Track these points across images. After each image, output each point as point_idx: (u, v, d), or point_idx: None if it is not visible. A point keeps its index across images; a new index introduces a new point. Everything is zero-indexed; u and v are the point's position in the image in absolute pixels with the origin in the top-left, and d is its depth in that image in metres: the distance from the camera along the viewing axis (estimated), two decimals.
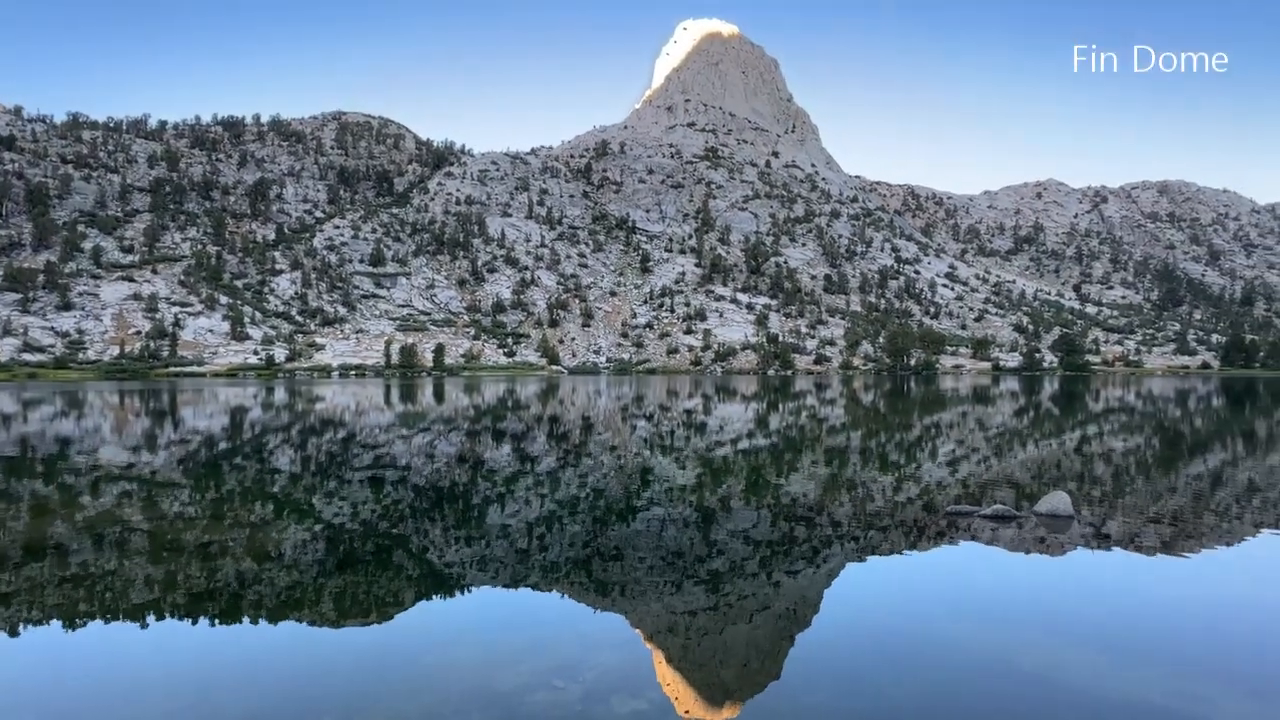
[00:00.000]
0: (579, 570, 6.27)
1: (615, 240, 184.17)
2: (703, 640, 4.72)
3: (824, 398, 37.58)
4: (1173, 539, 7.25)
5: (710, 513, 8.61)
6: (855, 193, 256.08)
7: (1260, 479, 11.19)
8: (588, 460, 13.27)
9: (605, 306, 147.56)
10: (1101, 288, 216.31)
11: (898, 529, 7.68)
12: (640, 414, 26.00)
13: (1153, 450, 15.51)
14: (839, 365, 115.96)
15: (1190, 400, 35.03)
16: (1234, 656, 4.39)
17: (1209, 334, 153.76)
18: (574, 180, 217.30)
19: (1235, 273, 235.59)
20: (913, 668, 4.19)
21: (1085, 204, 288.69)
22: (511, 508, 8.90)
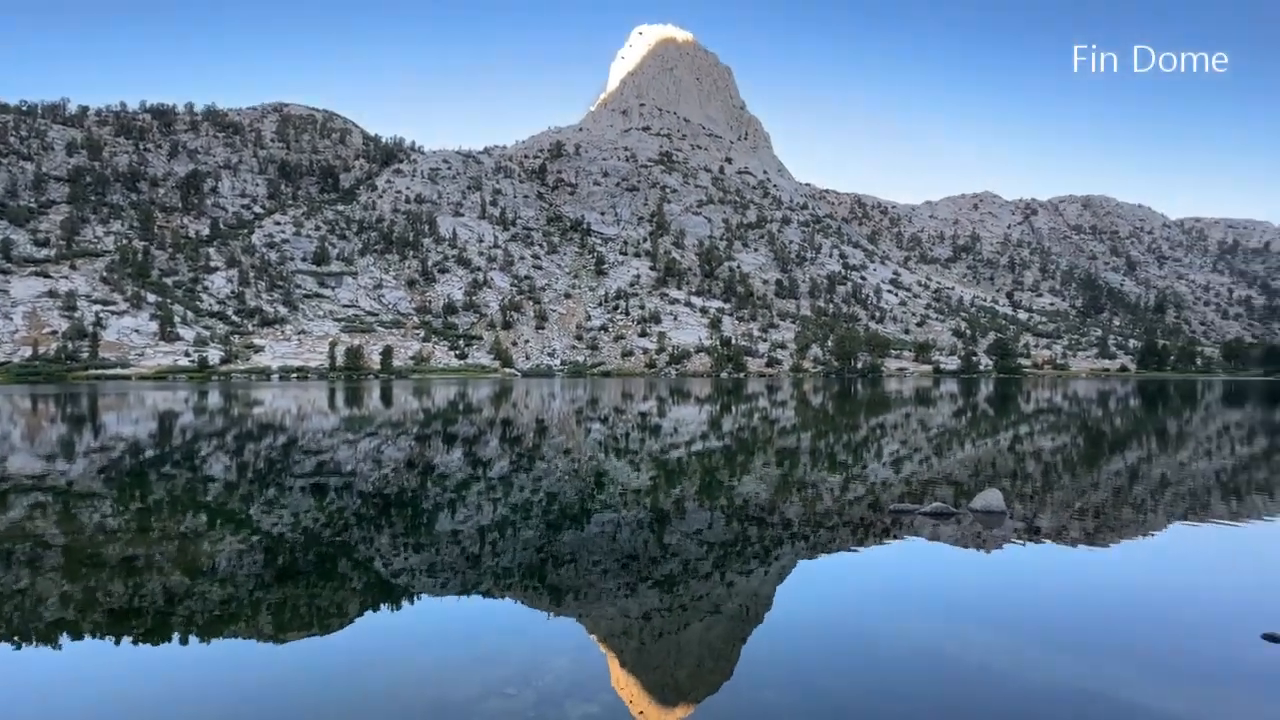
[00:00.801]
0: (532, 576, 6.19)
1: (570, 242, 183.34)
2: (657, 642, 4.73)
3: (775, 400, 38.36)
4: (1095, 531, 7.73)
5: (664, 515, 8.65)
6: (805, 200, 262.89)
7: (1171, 474, 12.06)
8: (541, 464, 13.13)
9: (560, 309, 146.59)
10: (1032, 295, 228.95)
11: (845, 527, 7.91)
12: (595, 417, 25.91)
13: (1077, 448, 16.50)
14: (790, 368, 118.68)
15: (1110, 401, 37.45)
16: (1146, 638, 4.71)
17: (1127, 339, 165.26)
18: (528, 181, 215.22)
19: (1149, 282, 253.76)
20: (859, 661, 4.32)
21: (1017, 216, 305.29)
22: (463, 514, 8.71)
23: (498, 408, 31.24)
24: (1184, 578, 6.12)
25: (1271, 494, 10.18)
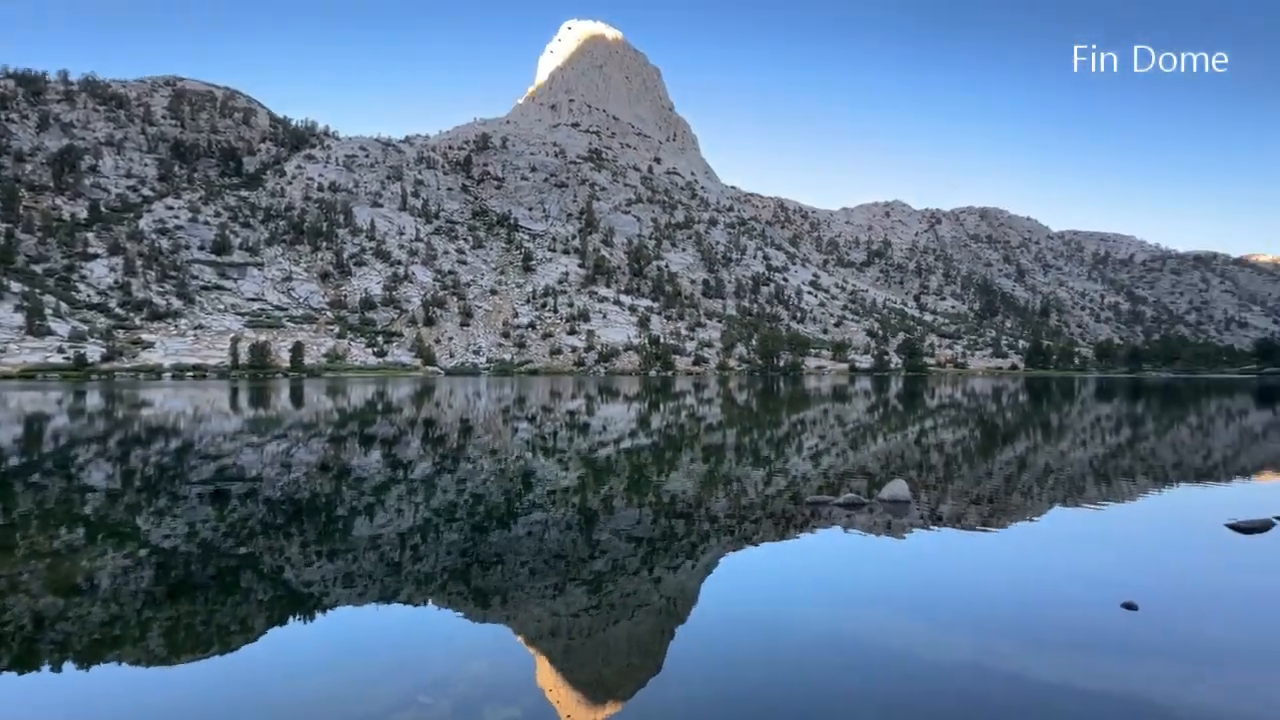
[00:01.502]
0: (455, 580, 6.02)
1: (496, 237, 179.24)
2: (586, 641, 4.73)
3: (702, 397, 39.19)
4: (989, 515, 8.42)
5: (593, 513, 8.64)
6: (731, 202, 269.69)
7: (1053, 462, 13.33)
8: (466, 465, 12.77)
9: (485, 305, 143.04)
10: (936, 298, 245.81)
11: (768, 520, 8.20)
12: (522, 415, 25.49)
13: (974, 441, 17.89)
14: (716, 366, 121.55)
15: (1002, 397, 40.88)
16: (1027, 611, 5.18)
17: (1017, 340, 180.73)
18: (453, 173, 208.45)
19: (1036, 288, 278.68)
20: (780, 649, 4.50)
21: (924, 224, 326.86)
22: (381, 518, 8.33)
23: (420, 407, 30.10)
24: (1060, 555, 6.78)
25: (1134, 478, 11.45)
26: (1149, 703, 3.69)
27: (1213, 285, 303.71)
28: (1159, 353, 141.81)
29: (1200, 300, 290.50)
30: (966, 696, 3.79)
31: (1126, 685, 3.89)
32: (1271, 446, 16.49)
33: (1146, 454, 14.82)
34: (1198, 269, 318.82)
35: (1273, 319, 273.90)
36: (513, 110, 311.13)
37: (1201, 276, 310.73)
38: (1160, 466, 12.82)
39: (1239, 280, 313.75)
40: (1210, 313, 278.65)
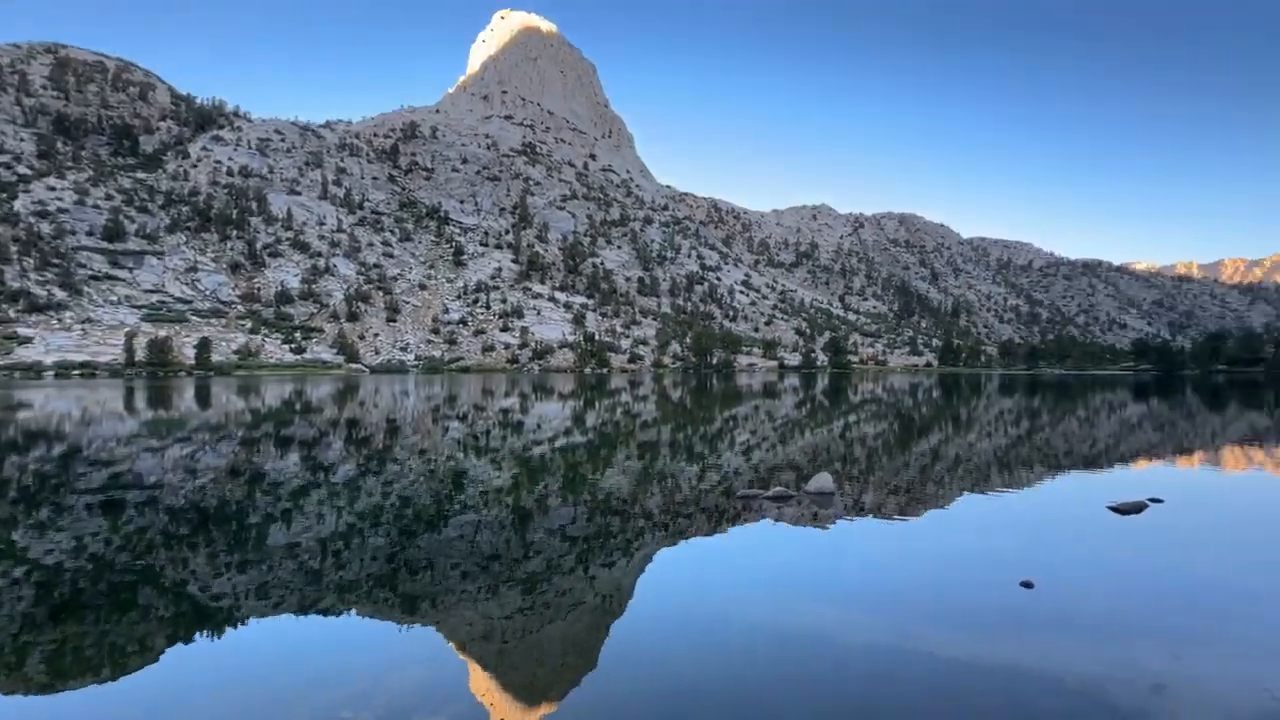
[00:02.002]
0: (381, 587, 5.78)
1: (426, 230, 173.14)
2: (519, 643, 4.66)
3: (637, 395, 39.43)
4: (906, 504, 8.94)
5: (527, 513, 8.53)
6: (666, 201, 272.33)
7: (962, 453, 14.30)
8: (393, 466, 12.28)
9: (414, 300, 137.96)
10: (859, 299, 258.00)
11: (701, 514, 8.36)
12: (453, 414, 24.78)
13: (893, 433, 18.92)
14: (651, 363, 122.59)
15: (919, 393, 43.45)
16: (937, 593, 5.55)
17: (931, 339, 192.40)
18: (378, 162, 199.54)
19: (948, 291, 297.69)
20: (712, 640, 4.60)
21: (848, 228, 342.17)
22: (300, 524, 7.88)
23: (342, 407, 28.67)
24: (967, 540, 7.29)
25: (1031, 466, 12.46)
26: (1043, 673, 4.03)
27: (1098, 290, 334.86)
28: (1053, 351, 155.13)
29: (1088, 303, 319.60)
30: (884, 677, 4.01)
31: (1024, 658, 4.23)
32: (1144, 436, 18.37)
33: (1041, 444, 16.16)
34: (1085, 275, 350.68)
35: (1147, 321, 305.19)
36: (443, 99, 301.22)
37: (1089, 282, 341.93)
38: (1053, 455, 14.02)
39: (1120, 285, 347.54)
40: (1096, 314, 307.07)
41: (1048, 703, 3.66)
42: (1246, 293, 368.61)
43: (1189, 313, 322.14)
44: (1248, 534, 7.66)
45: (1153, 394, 40.93)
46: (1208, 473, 12.23)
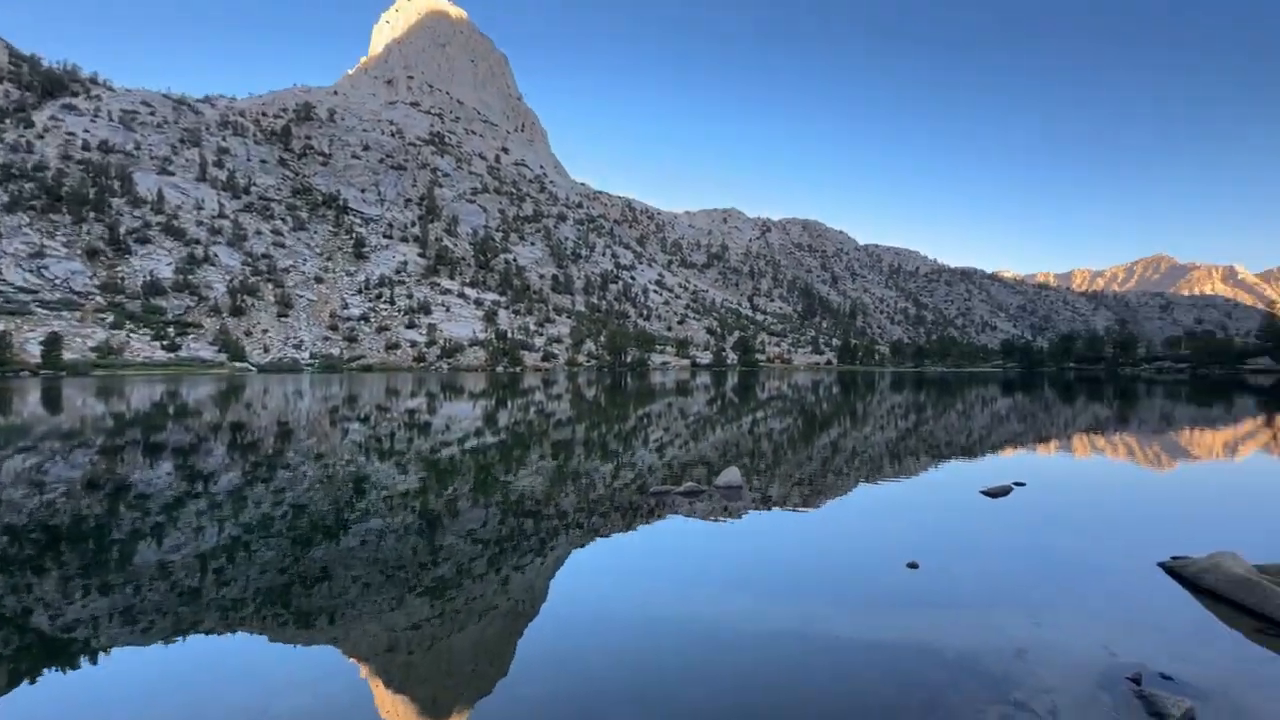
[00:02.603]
0: (271, 603, 5.36)
1: (322, 220, 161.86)
2: (426, 653, 4.48)
3: (551, 393, 38.99)
4: (809, 495, 9.45)
5: (435, 517, 8.21)
6: (581, 199, 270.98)
7: (858, 445, 15.31)
8: (285, 473, 11.40)
9: (309, 294, 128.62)
10: (766, 300, 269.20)
11: (615, 512, 8.40)
12: (353, 416, 23.36)
13: (797, 428, 19.93)
14: (565, 362, 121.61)
15: (820, 389, 46.03)
16: (833, 577, 5.92)
17: (831, 338, 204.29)
18: (267, 143, 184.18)
19: (846, 293, 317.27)
20: (624, 637, 4.65)
21: (756, 231, 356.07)
22: (174, 540, 7.14)
23: (225, 409, 26.23)
24: (861, 526, 7.82)
25: (917, 456, 13.56)
26: (927, 647, 4.41)
27: (974, 295, 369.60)
28: (936, 350, 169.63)
29: (965, 307, 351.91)
30: (787, 663, 4.23)
31: (910, 634, 4.61)
32: (1011, 426, 20.51)
33: (926, 435, 17.63)
34: (963, 281, 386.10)
35: (1013, 323, 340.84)
36: (341, 81, 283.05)
37: (966, 288, 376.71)
38: (935, 445, 15.34)
39: (991, 291, 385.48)
40: (972, 317, 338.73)
41: (932, 675, 4.00)
42: (1092, 300, 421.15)
43: (1047, 316, 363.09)
44: (1092, 511, 8.74)
45: (1017, 389, 45.78)
46: (1062, 458, 13.85)
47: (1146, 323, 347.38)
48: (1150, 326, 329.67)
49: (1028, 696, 3.71)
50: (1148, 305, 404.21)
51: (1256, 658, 4.23)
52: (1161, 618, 4.89)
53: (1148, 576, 5.84)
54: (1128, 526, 7.91)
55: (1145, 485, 10.89)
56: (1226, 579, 5.23)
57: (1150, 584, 5.65)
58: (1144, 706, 3.55)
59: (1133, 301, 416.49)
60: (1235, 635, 4.57)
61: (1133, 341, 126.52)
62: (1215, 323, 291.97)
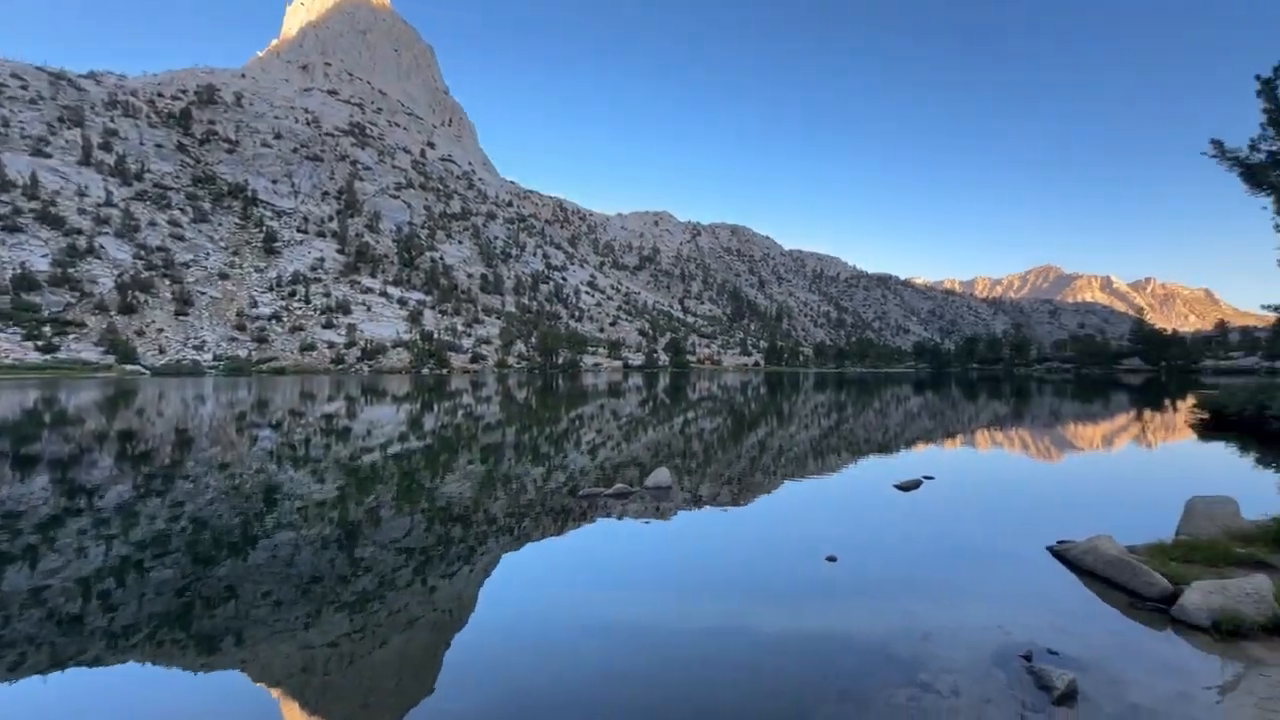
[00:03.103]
0: (168, 627, 4.94)
1: (228, 211, 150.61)
2: (345, 671, 4.27)
3: (480, 396, 38.04)
4: (737, 493, 9.71)
5: (356, 527, 7.83)
6: (511, 198, 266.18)
7: (784, 444, 15.88)
8: (184, 484, 10.53)
9: (213, 291, 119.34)
10: (697, 302, 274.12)
11: (546, 516, 8.32)
12: (263, 422, 21.88)
13: (726, 428, 20.42)
14: (495, 364, 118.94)
15: (748, 390, 47.36)
16: (763, 576, 6.13)
17: (759, 341, 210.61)
18: (164, 126, 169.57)
19: (773, 297, 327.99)
20: (554, 643, 4.62)
21: (687, 235, 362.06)
22: (51, 563, 6.44)
23: (112, 416, 23.89)
24: (785, 522, 8.12)
25: (839, 453, 14.23)
26: (844, 635, 4.64)
27: (889, 300, 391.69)
28: (856, 352, 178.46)
29: (881, 311, 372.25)
30: (713, 659, 4.33)
31: (829, 624, 4.84)
32: (922, 423, 21.89)
33: (846, 433, 18.53)
34: (880, 287, 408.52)
35: (924, 327, 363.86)
36: (250, 64, 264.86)
37: (882, 293, 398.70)
38: (855, 442, 16.15)
39: (905, 297, 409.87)
40: (888, 321, 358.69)
41: (847, 662, 4.22)
42: (992, 305, 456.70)
43: (953, 320, 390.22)
44: (991, 501, 9.48)
45: (928, 388, 48.91)
46: (966, 451, 14.93)
47: (1038, 326, 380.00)
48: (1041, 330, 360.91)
49: (933, 677, 3.97)
50: (1039, 311, 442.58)
51: (1129, 630, 4.73)
52: (1048, 598, 5.37)
53: (1037, 560, 6.40)
54: (1021, 514, 8.63)
55: (1037, 475, 11.92)
56: (1103, 560, 5.81)
57: (1039, 566, 6.20)
58: (1034, 681, 3.89)
59: (1026, 308, 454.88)
60: (1111, 611, 5.09)
61: (1026, 344, 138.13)
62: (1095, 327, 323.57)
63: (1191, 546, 6.10)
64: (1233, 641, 4.41)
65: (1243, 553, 5.94)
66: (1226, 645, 4.37)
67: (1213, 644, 4.41)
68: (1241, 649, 4.31)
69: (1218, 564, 5.76)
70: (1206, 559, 5.85)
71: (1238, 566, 5.72)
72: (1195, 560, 5.86)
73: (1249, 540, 6.28)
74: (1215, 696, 3.72)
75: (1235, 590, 4.73)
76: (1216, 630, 4.52)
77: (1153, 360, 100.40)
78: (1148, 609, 5.06)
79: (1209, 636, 4.50)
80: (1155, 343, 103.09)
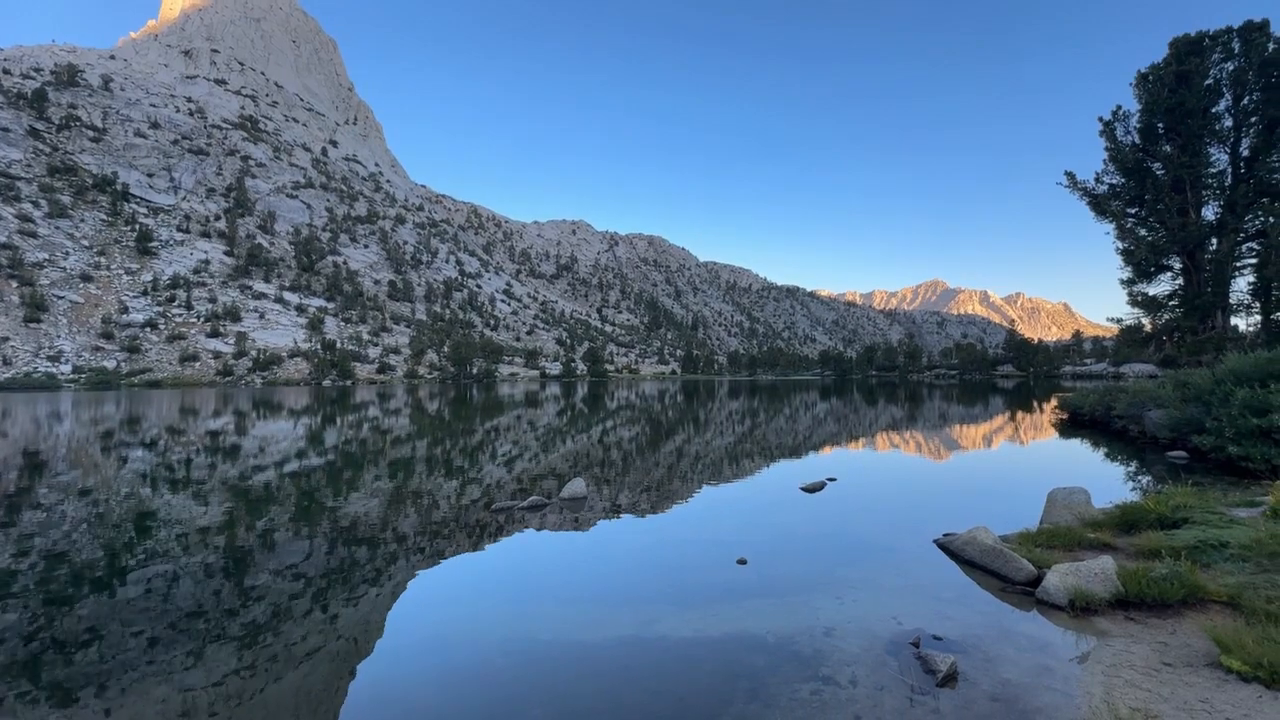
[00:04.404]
0: (16, 677, 4.34)
1: (93, 206, 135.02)
2: (235, 710, 3.94)
3: (388, 408, 36.22)
4: (655, 501, 9.84)
5: (245, 553, 7.22)
6: (422, 201, 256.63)
7: (700, 450, 16.27)
8: (35, 514, 9.28)
9: (73, 295, 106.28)
10: (614, 311, 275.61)
11: (460, 531, 8.06)
12: (136, 441, 19.69)
13: (645, 436, 20.65)
14: (404, 374, 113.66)
15: (665, 398, 48.11)
16: (677, 580, 6.26)
17: (675, 349, 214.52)
18: (12, 108, 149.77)
19: (689, 307, 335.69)
20: (462, 664, 4.49)
21: (604, 245, 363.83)
22: None
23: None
24: (698, 527, 8.34)
25: (752, 458, 14.76)
26: (753, 635, 4.83)
27: (797, 310, 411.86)
28: (767, 360, 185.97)
29: (790, 321, 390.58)
30: (627, 667, 4.38)
31: (740, 626, 5.02)
32: (828, 428, 23.16)
33: (759, 439, 19.26)
34: (789, 298, 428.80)
35: (829, 336, 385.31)
36: (121, 45, 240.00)
37: (790, 304, 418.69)
38: (766, 447, 16.83)
39: (811, 308, 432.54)
40: (796, 330, 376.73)
41: (755, 661, 4.39)
42: (889, 317, 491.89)
43: (855, 330, 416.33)
44: (887, 498, 10.19)
45: (832, 394, 51.83)
46: (867, 453, 15.95)
47: (928, 336, 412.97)
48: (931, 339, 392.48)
49: (834, 670, 4.22)
50: (929, 322, 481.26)
51: (1001, 612, 5.24)
52: (935, 587, 5.85)
53: (925, 552, 6.95)
54: (912, 509, 9.34)
55: (927, 473, 12.94)
56: (980, 549, 6.41)
57: (927, 558, 6.74)
58: (921, 666, 4.23)
59: (918, 318, 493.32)
60: (986, 595, 5.61)
61: (918, 352, 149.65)
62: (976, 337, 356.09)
63: (1052, 533, 6.85)
64: (1085, 617, 5.00)
65: (1093, 537, 6.74)
66: (1080, 621, 4.95)
67: (1069, 620, 4.97)
68: (1092, 623, 4.90)
69: (1073, 548, 6.51)
70: (1064, 544, 6.60)
71: (1089, 550, 6.50)
72: (1055, 545, 6.59)
73: (1098, 526, 7.14)
74: (1072, 668, 4.20)
75: (1086, 571, 5.37)
76: (1072, 608, 5.11)
77: (1023, 366, 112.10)
78: (1017, 592, 5.63)
79: (1066, 614, 5.07)
80: (1024, 351, 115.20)
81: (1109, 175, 37.85)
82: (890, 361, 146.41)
